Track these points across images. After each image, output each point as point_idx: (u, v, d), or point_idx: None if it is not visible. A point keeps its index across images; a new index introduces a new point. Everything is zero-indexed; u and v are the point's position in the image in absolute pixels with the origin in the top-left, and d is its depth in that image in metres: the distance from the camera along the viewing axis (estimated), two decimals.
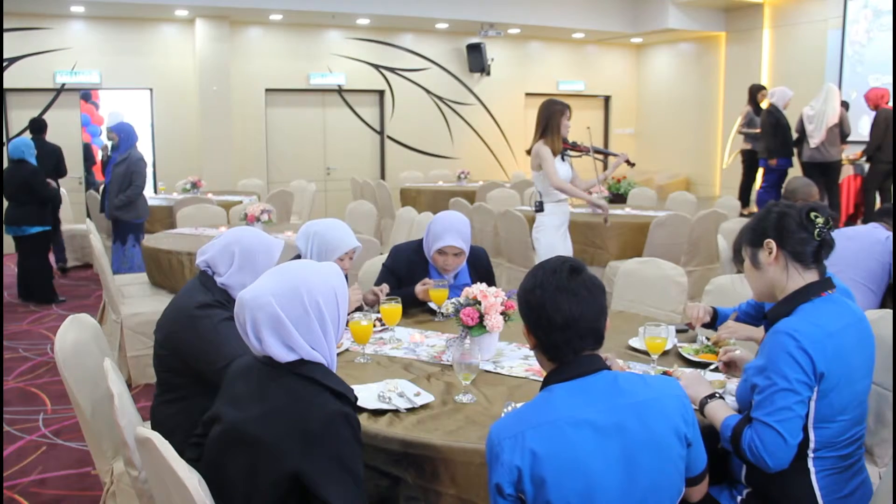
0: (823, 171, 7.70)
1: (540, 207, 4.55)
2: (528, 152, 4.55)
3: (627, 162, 4.91)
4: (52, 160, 7.07)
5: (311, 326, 1.59)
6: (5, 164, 6.42)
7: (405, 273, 3.11)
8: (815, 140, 7.56)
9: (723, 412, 1.83)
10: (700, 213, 5.65)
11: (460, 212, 6.52)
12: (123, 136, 6.02)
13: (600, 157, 4.89)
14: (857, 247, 3.39)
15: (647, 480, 1.47)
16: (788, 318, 1.78)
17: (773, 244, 1.85)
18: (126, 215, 5.98)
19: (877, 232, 3.50)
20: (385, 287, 2.89)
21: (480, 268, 3.23)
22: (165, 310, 2.30)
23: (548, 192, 4.51)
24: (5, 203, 6.34)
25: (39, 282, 6.42)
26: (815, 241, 1.82)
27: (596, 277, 1.60)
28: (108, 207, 6.04)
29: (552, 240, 4.55)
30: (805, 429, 1.74)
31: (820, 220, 1.82)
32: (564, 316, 1.52)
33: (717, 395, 1.89)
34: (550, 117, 4.41)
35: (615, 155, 4.86)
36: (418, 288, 2.97)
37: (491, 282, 3.15)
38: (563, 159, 4.48)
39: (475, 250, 3.24)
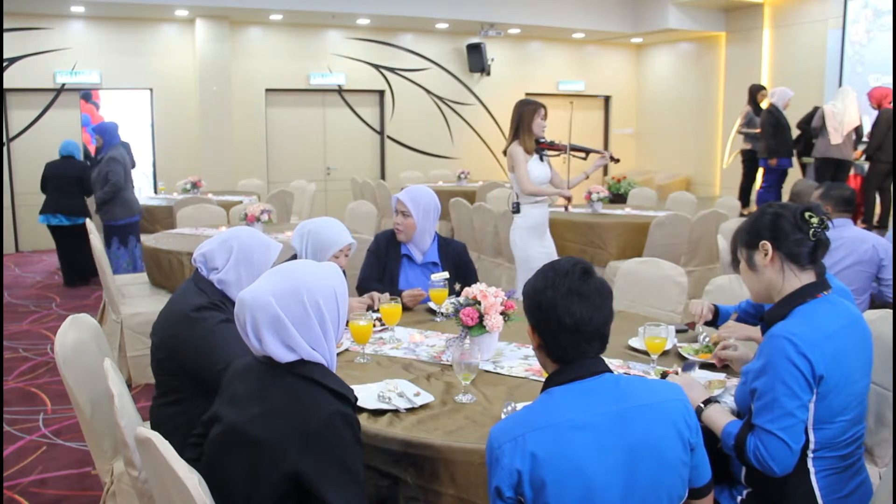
0: (837, 169, 7.73)
1: (516, 209, 4.53)
2: (504, 153, 4.55)
3: (612, 159, 4.77)
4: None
5: (311, 326, 1.59)
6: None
7: (384, 252, 3.31)
8: (836, 138, 7.58)
9: (722, 418, 1.83)
10: (700, 213, 5.65)
11: (460, 212, 6.56)
12: (107, 136, 6.17)
13: (581, 154, 4.80)
14: (839, 257, 3.33)
15: (647, 485, 1.47)
16: (785, 322, 1.78)
17: (769, 245, 1.85)
18: (104, 216, 6.06)
19: (855, 236, 3.39)
20: (385, 296, 2.92)
21: (453, 255, 3.35)
22: (161, 313, 2.30)
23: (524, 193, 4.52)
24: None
25: (88, 262, 6.83)
26: (810, 242, 1.82)
27: (604, 280, 1.59)
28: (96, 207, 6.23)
29: (528, 241, 4.53)
30: (805, 430, 1.74)
31: (815, 220, 1.82)
32: (575, 319, 1.50)
33: (714, 399, 1.89)
34: (522, 117, 4.40)
35: (597, 152, 4.73)
36: (406, 294, 3.07)
37: (469, 274, 3.27)
38: (541, 159, 4.47)
39: (453, 243, 3.41)
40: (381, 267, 3.27)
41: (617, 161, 4.84)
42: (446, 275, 3.03)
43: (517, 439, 1.44)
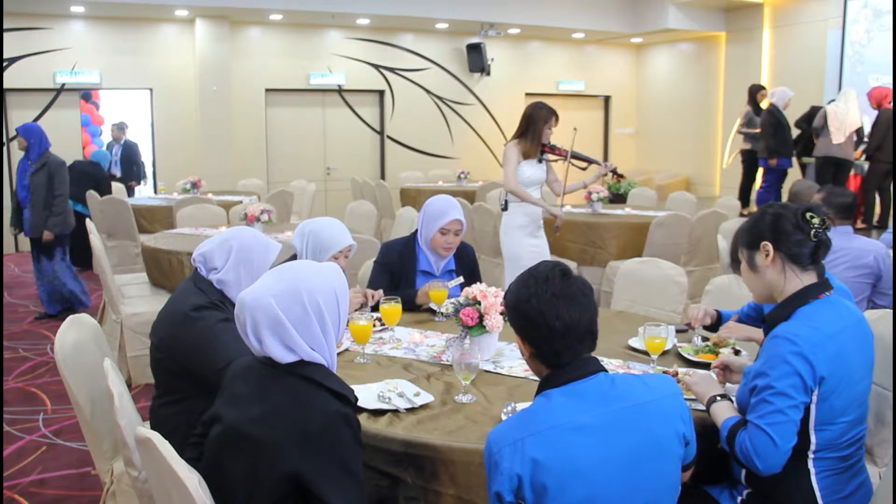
0: (837, 168, 7.74)
1: (505, 206, 4.48)
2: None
3: (614, 173, 4.63)
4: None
5: (311, 327, 1.59)
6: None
7: (397, 266, 3.18)
8: (838, 137, 7.59)
9: (726, 413, 1.83)
10: (700, 213, 5.65)
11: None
12: (34, 140, 5.43)
13: (581, 163, 4.68)
14: (838, 272, 3.32)
15: (648, 483, 1.47)
16: (787, 323, 1.77)
17: (770, 246, 1.84)
18: (57, 227, 5.50)
19: (856, 248, 3.39)
20: (379, 293, 2.89)
21: (466, 258, 3.30)
22: (160, 313, 2.29)
23: None
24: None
25: (84, 251, 7.01)
26: (811, 242, 1.82)
27: (584, 279, 1.60)
28: (32, 223, 5.46)
29: (517, 239, 4.47)
30: (806, 431, 1.74)
31: (816, 221, 1.82)
32: (564, 322, 1.51)
33: (726, 396, 1.89)
34: (534, 122, 4.33)
35: (598, 163, 4.60)
36: (421, 291, 2.99)
37: (476, 277, 3.22)
38: (539, 161, 4.43)
39: (464, 246, 3.33)
40: (392, 283, 3.13)
41: (621, 177, 4.70)
42: (461, 279, 3.01)
43: (516, 444, 1.43)
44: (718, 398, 1.87)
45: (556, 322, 1.51)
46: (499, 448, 1.45)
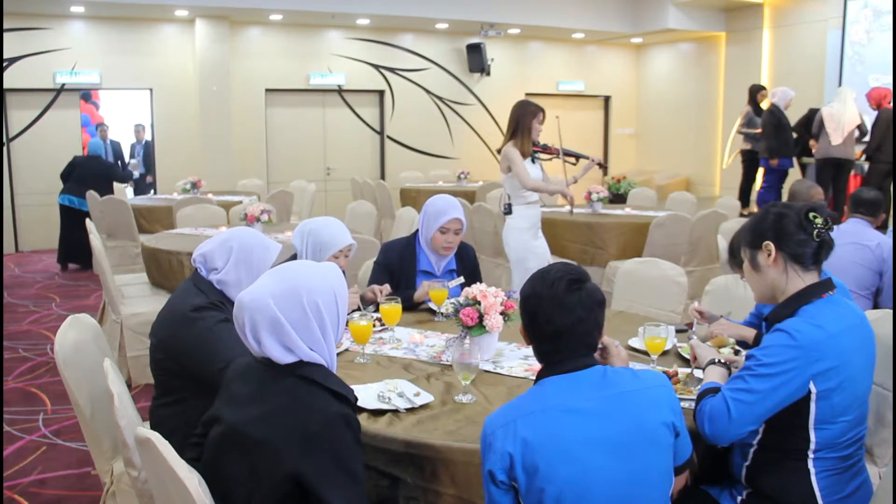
0: (838, 169, 7.74)
1: (508, 210, 4.48)
2: (499, 152, 4.52)
3: (600, 165, 4.77)
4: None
5: (310, 328, 1.59)
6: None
7: (397, 267, 3.18)
8: (836, 138, 7.60)
9: (714, 376, 1.87)
10: (700, 213, 5.65)
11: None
12: None
13: (571, 159, 4.77)
14: (842, 253, 3.34)
15: (638, 468, 1.49)
16: (791, 319, 1.78)
17: (772, 246, 1.84)
18: None
19: (862, 233, 3.42)
20: (386, 287, 2.89)
21: (467, 259, 3.30)
22: (160, 313, 2.29)
23: (517, 194, 4.45)
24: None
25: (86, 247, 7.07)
26: (814, 242, 1.82)
27: (596, 290, 1.61)
28: None
29: (522, 242, 4.48)
30: (806, 430, 1.75)
31: (819, 221, 1.82)
32: (556, 329, 1.56)
33: (723, 362, 1.92)
34: (521, 119, 4.35)
35: (587, 157, 4.75)
36: (419, 291, 2.99)
37: (477, 277, 3.22)
38: (533, 162, 4.44)
39: (465, 247, 3.32)
40: (393, 283, 3.10)
41: (605, 168, 4.90)
42: (461, 280, 3.01)
43: (508, 424, 1.49)
44: (717, 361, 1.91)
45: (547, 327, 1.56)
46: (492, 429, 1.50)
